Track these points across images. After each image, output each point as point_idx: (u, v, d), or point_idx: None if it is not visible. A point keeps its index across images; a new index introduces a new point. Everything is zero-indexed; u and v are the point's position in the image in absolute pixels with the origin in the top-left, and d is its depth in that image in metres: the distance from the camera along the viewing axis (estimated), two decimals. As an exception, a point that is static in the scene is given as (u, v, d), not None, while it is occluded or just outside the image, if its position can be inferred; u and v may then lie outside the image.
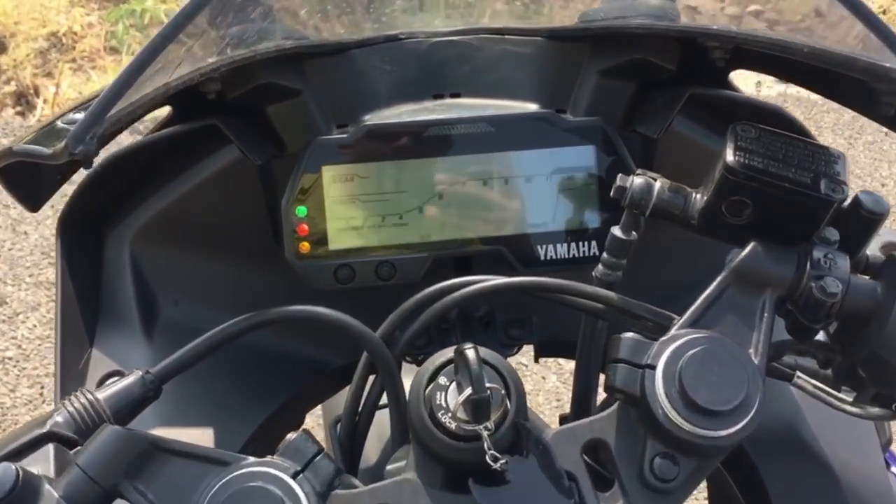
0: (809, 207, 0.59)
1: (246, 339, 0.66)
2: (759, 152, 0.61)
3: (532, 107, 0.79)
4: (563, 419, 0.71)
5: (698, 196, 0.63)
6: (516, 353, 0.81)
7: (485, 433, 0.54)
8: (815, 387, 0.62)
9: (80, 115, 0.65)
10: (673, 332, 0.58)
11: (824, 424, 0.79)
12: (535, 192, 0.76)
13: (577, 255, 0.77)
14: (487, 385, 0.54)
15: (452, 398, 0.55)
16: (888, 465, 0.81)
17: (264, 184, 0.77)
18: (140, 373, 0.62)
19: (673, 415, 0.54)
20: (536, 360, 0.84)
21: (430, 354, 0.68)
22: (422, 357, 0.76)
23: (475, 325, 0.80)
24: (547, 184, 0.76)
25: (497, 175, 0.76)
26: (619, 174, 0.65)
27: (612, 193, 0.65)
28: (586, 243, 0.77)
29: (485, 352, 0.56)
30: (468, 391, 0.53)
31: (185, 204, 0.79)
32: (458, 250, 0.76)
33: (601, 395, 0.67)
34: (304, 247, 0.75)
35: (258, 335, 0.67)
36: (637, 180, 0.64)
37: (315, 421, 1.52)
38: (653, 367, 0.55)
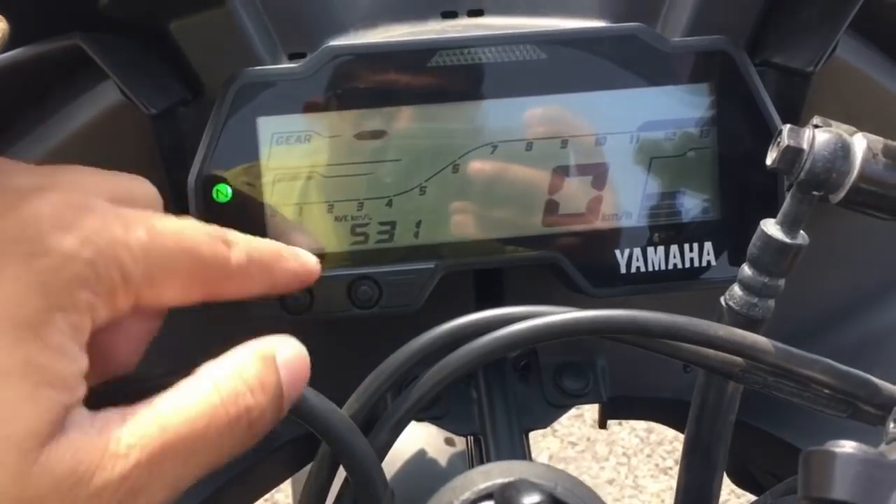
0: None
1: None
2: None
3: (599, 25, 0.49)
4: None
5: None
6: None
7: None
8: None
9: None
10: None
11: None
12: (612, 161, 0.46)
13: (679, 265, 0.47)
14: None
15: None
16: None
17: (164, 147, 0.46)
18: None
19: None
20: (603, 426, 0.54)
21: (440, 420, 0.50)
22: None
23: (508, 371, 0.52)
24: (632, 148, 0.46)
25: (549, 134, 0.46)
26: (787, 127, 0.36)
27: (770, 161, 0.37)
28: (696, 247, 0.47)
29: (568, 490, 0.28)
30: None
31: None
32: (482, 259, 0.46)
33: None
34: (230, 252, 0.46)
35: None
36: (822, 136, 0.36)
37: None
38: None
